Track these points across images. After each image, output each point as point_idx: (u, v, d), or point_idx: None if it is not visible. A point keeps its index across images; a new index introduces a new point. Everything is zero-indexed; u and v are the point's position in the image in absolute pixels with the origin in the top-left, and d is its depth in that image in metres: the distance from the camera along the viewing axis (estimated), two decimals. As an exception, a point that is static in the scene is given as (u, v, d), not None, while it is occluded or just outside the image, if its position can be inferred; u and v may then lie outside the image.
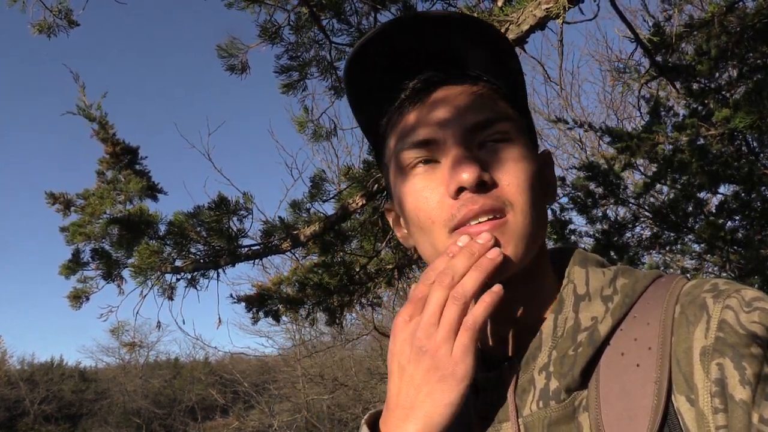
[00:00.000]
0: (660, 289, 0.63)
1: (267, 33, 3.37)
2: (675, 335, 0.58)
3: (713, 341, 0.55)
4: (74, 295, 3.00)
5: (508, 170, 0.64)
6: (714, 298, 0.58)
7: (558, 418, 0.61)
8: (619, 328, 0.62)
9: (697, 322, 0.57)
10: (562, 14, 2.15)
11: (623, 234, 4.71)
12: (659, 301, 0.62)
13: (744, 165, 4.13)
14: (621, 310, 0.62)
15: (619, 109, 9.41)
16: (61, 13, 3.49)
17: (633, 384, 0.58)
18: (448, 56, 0.67)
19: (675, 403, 0.56)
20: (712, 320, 0.56)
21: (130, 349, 3.78)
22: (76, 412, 22.26)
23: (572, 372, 0.60)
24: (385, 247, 3.63)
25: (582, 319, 0.63)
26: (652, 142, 3.73)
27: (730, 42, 3.39)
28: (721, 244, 4.17)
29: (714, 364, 0.54)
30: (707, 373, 0.54)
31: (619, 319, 0.62)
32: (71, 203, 2.88)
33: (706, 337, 0.56)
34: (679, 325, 0.58)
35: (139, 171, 2.93)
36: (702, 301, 0.58)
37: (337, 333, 10.47)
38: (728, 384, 0.53)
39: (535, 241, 0.65)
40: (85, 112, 2.89)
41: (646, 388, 0.57)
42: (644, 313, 0.62)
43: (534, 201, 0.65)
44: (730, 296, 0.57)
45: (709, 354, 0.55)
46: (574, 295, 0.66)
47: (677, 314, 0.60)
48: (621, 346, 0.60)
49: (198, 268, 3.12)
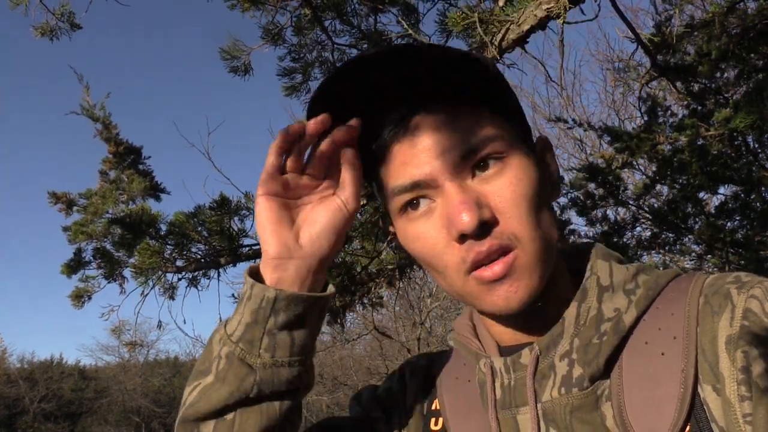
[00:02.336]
0: (682, 282, 0.64)
1: (269, 35, 3.37)
2: (700, 325, 0.58)
3: (738, 329, 0.55)
4: (76, 295, 3.00)
5: (506, 199, 0.61)
6: (738, 289, 0.58)
7: (581, 405, 0.60)
8: (642, 319, 0.62)
9: (722, 312, 0.57)
10: (563, 14, 2.15)
11: (623, 235, 4.71)
12: (682, 293, 0.62)
13: (744, 166, 4.14)
14: (645, 301, 0.62)
15: (620, 110, 9.41)
16: (63, 16, 3.50)
17: (658, 373, 0.57)
18: (418, 83, 0.63)
19: (701, 393, 0.56)
20: (737, 309, 0.56)
21: (132, 348, 3.79)
22: (75, 410, 22.27)
23: (597, 360, 0.60)
24: (386, 248, 3.64)
25: (605, 310, 0.63)
26: (652, 142, 3.74)
27: (731, 43, 3.39)
28: (720, 245, 4.17)
29: (740, 352, 0.54)
30: (733, 361, 0.54)
31: (643, 310, 0.62)
32: (73, 203, 2.88)
33: (731, 325, 0.56)
34: (704, 316, 0.59)
35: (143, 171, 2.93)
36: (726, 291, 0.58)
37: (336, 332, 10.47)
38: (754, 372, 0.53)
39: (549, 258, 0.63)
40: (88, 112, 2.90)
41: (672, 377, 0.56)
42: (668, 304, 0.62)
43: (538, 220, 0.62)
44: (754, 287, 0.57)
45: (734, 342, 0.55)
46: (598, 286, 0.65)
47: (701, 305, 0.60)
48: (645, 336, 0.61)
49: (199, 268, 3.12)
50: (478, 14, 2.32)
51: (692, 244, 4.78)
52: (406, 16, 3.31)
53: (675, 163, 4.04)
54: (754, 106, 2.80)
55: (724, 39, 3.40)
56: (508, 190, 0.61)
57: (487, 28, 2.32)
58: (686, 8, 4.65)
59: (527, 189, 0.62)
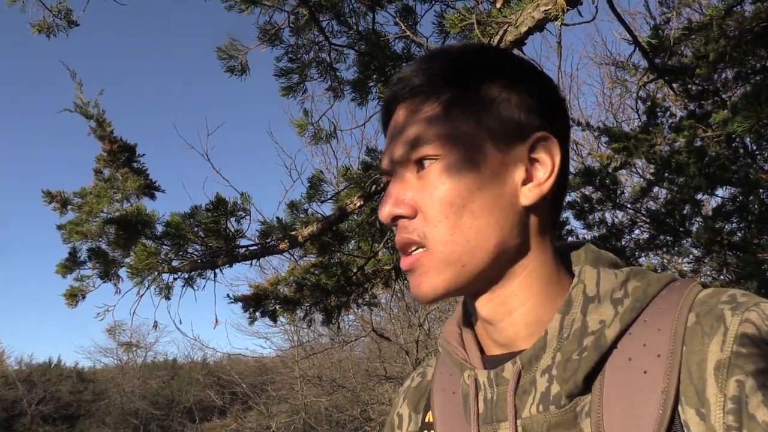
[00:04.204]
0: (674, 293, 0.61)
1: (267, 35, 3.37)
2: (687, 345, 0.56)
3: (731, 355, 0.53)
4: (70, 294, 2.99)
5: (424, 200, 0.64)
6: (732, 310, 0.55)
7: (558, 422, 0.60)
8: (628, 332, 0.60)
9: (713, 334, 0.55)
10: (560, 16, 2.15)
11: (621, 238, 4.71)
12: (672, 306, 0.59)
13: (742, 168, 4.14)
14: (630, 314, 0.60)
15: (618, 112, 9.43)
16: (60, 13, 3.50)
17: (639, 391, 0.56)
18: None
19: (682, 415, 0.54)
20: (729, 333, 0.54)
21: (127, 348, 3.78)
22: (73, 412, 22.22)
23: (575, 378, 0.59)
24: (382, 248, 3.64)
25: (590, 322, 0.61)
26: (650, 143, 3.74)
27: (729, 45, 3.39)
28: (718, 247, 4.17)
29: (733, 381, 0.52)
30: (722, 389, 0.52)
31: (628, 323, 0.60)
32: (68, 202, 2.87)
33: (722, 350, 0.54)
34: (693, 336, 0.56)
35: (137, 169, 2.93)
36: (719, 312, 0.56)
37: (335, 334, 10.46)
38: (749, 403, 0.51)
39: (471, 260, 0.63)
40: (82, 110, 2.89)
41: (652, 397, 0.55)
42: (655, 317, 0.60)
43: (458, 225, 0.63)
44: (750, 309, 0.55)
45: (726, 368, 0.53)
46: (584, 296, 0.63)
47: (691, 323, 0.57)
48: (629, 351, 0.59)
49: (195, 269, 3.12)
50: (476, 16, 2.32)
51: (690, 247, 4.77)
52: (404, 17, 3.32)
53: (673, 164, 4.04)
54: (752, 110, 2.79)
55: (721, 41, 3.40)
56: (427, 192, 0.64)
57: (485, 29, 2.32)
58: (684, 11, 4.66)
59: (449, 194, 0.63)
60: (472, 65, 0.67)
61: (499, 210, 0.64)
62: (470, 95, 0.65)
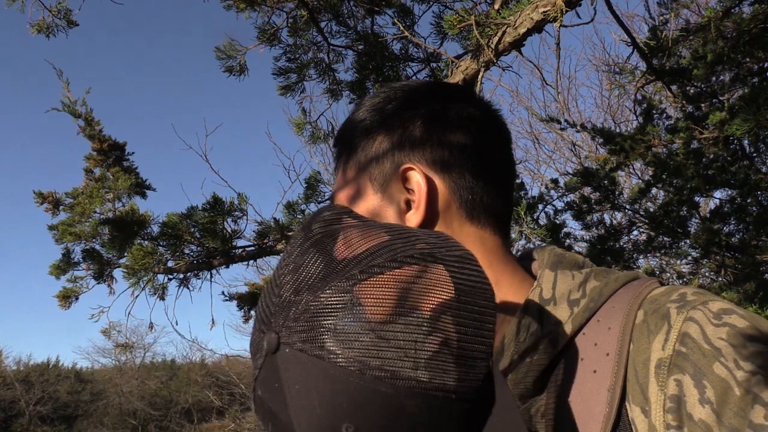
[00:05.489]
0: (628, 292, 0.61)
1: (265, 35, 3.37)
2: (635, 343, 0.56)
3: (671, 354, 0.53)
4: (63, 295, 2.98)
5: None
6: (678, 309, 0.55)
7: None
8: (582, 332, 0.60)
9: (657, 332, 0.55)
10: (559, 17, 2.15)
11: (619, 239, 4.71)
12: (623, 304, 0.60)
13: (740, 170, 4.14)
14: (583, 315, 0.60)
15: (616, 114, 9.44)
16: (60, 13, 3.49)
17: (588, 390, 0.57)
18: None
19: (630, 413, 0.54)
20: (672, 332, 0.54)
21: (123, 350, 3.77)
22: (71, 413, 22.18)
23: (525, 381, 0.60)
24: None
25: (545, 324, 0.62)
26: (646, 145, 3.74)
27: (727, 47, 3.40)
28: (716, 249, 4.17)
29: (672, 380, 0.52)
30: (662, 387, 0.53)
31: (581, 324, 0.60)
32: (60, 202, 2.86)
33: (664, 348, 0.54)
34: (640, 334, 0.56)
35: (127, 168, 2.92)
36: (666, 310, 0.56)
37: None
38: (686, 402, 0.51)
39: None
40: (70, 109, 2.88)
41: (600, 395, 0.55)
42: (607, 317, 0.60)
43: None
44: (695, 308, 0.55)
45: (666, 367, 0.53)
46: (540, 299, 0.64)
47: (639, 321, 0.57)
48: (581, 351, 0.59)
49: (192, 269, 3.11)
50: (475, 17, 2.31)
51: (688, 248, 4.77)
52: (402, 18, 3.32)
53: (670, 166, 4.04)
54: (750, 112, 2.79)
55: (719, 43, 3.41)
56: None
57: (484, 30, 2.32)
58: (682, 13, 4.66)
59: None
60: (352, 125, 0.75)
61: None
62: (354, 153, 0.74)
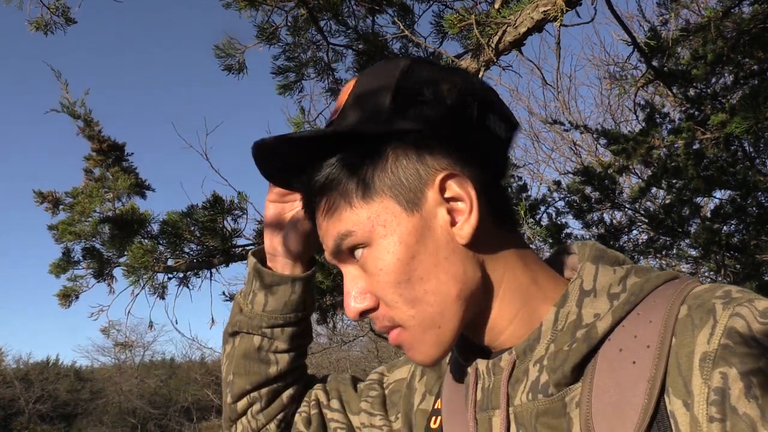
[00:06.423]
0: (670, 288, 0.62)
1: (264, 34, 3.36)
2: (678, 337, 0.57)
3: (717, 348, 0.53)
4: (63, 294, 2.98)
5: (378, 287, 0.66)
6: (724, 305, 0.56)
7: (546, 410, 0.61)
8: (621, 324, 0.61)
9: (702, 326, 0.55)
10: (559, 17, 2.15)
11: (619, 238, 4.71)
12: (665, 300, 0.60)
13: (740, 170, 4.14)
14: (624, 308, 0.61)
15: (616, 114, 9.44)
16: (58, 10, 3.49)
17: (626, 381, 0.57)
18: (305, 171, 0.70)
19: (669, 406, 0.55)
20: (717, 326, 0.54)
21: (122, 348, 3.77)
22: (71, 411, 22.18)
23: (563, 368, 0.60)
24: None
25: (584, 315, 0.63)
26: (648, 146, 3.74)
27: (726, 47, 3.39)
28: (716, 249, 4.17)
29: (717, 372, 0.52)
30: (706, 380, 0.53)
31: (621, 316, 0.61)
32: (60, 202, 2.87)
33: (709, 342, 0.54)
34: (683, 328, 0.57)
35: (127, 168, 2.92)
36: (711, 305, 0.56)
37: (332, 334, 10.45)
38: (731, 395, 0.51)
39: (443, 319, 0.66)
40: (68, 110, 2.88)
41: (638, 386, 0.56)
42: (648, 311, 0.60)
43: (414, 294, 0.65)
44: (742, 304, 0.55)
45: (711, 360, 0.53)
46: (580, 290, 0.65)
47: (682, 315, 0.58)
48: (620, 343, 0.60)
49: (191, 268, 3.11)
50: (475, 16, 2.31)
51: (688, 248, 4.77)
52: (402, 18, 3.31)
53: (671, 166, 4.04)
54: (750, 111, 2.79)
55: (719, 43, 3.40)
56: (375, 279, 0.66)
57: (484, 29, 2.31)
58: (682, 13, 4.66)
59: (390, 275, 0.65)
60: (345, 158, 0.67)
61: (443, 262, 0.65)
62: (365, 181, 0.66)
